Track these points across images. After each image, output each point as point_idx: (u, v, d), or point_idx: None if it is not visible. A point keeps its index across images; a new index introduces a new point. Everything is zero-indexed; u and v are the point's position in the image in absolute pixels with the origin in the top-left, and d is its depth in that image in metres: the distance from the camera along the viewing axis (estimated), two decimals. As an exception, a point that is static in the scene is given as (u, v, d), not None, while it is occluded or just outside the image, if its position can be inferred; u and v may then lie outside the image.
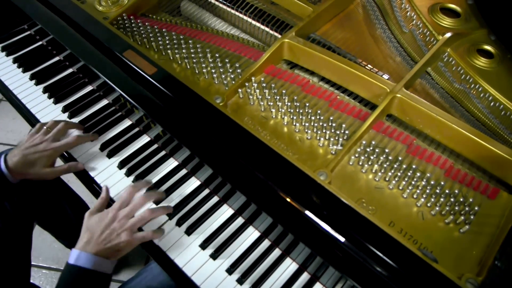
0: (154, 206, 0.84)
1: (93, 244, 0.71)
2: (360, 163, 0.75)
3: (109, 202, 0.83)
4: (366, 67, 0.87)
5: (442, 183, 0.71)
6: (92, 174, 0.89)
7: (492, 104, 0.81)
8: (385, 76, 0.85)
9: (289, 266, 0.77)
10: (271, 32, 0.96)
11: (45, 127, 0.89)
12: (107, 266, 0.72)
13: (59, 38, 0.96)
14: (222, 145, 0.74)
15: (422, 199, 0.70)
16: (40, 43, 1.15)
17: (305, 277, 0.76)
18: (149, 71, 0.80)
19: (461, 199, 0.69)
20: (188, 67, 0.88)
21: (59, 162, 0.91)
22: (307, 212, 0.66)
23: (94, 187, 0.89)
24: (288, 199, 0.67)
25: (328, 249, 0.65)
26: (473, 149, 0.74)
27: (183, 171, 0.88)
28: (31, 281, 1.05)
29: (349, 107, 0.82)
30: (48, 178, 0.87)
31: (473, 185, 0.73)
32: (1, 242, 0.96)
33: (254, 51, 0.92)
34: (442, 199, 0.69)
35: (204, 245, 0.79)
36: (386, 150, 0.74)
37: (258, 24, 0.96)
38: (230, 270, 0.76)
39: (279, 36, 0.93)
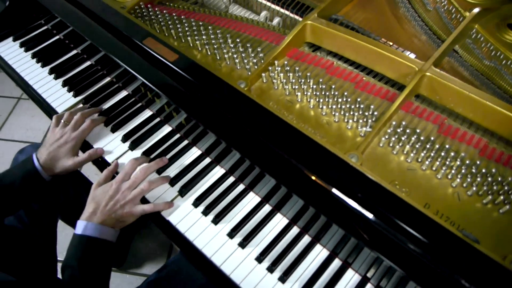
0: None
1: (98, 214, 0.76)
2: (391, 145, 0.72)
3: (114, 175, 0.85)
4: (391, 47, 0.85)
5: (478, 162, 0.68)
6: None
7: (526, 80, 0.78)
8: (412, 55, 0.82)
9: (319, 253, 0.75)
10: (291, 15, 0.93)
11: (62, 121, 0.90)
12: (111, 235, 0.77)
13: (79, 29, 0.96)
14: (249, 130, 0.72)
15: (458, 180, 0.68)
16: (57, 37, 1.15)
17: (336, 263, 0.74)
18: (170, 58, 0.79)
19: (499, 179, 0.67)
20: (209, 53, 0.87)
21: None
22: (340, 194, 0.64)
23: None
24: (319, 182, 0.65)
25: (363, 231, 0.64)
26: (508, 126, 0.71)
27: (207, 160, 0.87)
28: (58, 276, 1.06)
29: (376, 88, 0.80)
30: (74, 169, 0.87)
31: (510, 163, 0.70)
32: (28, 238, 0.97)
33: (275, 35, 0.90)
34: (478, 179, 0.67)
35: (232, 234, 0.78)
36: (417, 131, 0.72)
37: (278, 8, 0.94)
38: (260, 259, 0.75)
39: (300, 19, 0.91)
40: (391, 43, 0.86)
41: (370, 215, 0.62)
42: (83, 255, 0.74)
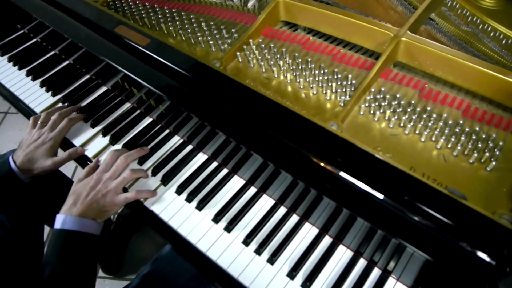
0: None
1: (78, 206, 0.73)
2: (372, 112, 0.71)
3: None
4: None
5: (461, 122, 0.67)
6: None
7: (504, 42, 0.77)
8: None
9: (308, 232, 0.73)
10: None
11: (39, 122, 0.88)
12: (94, 227, 0.73)
13: (55, 25, 0.94)
14: (228, 107, 0.70)
15: (442, 141, 0.66)
16: (34, 40, 1.14)
17: (327, 241, 0.72)
18: (142, 42, 0.77)
19: (483, 136, 0.65)
20: (184, 38, 0.85)
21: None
22: (324, 164, 0.62)
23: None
24: (302, 151, 0.63)
25: (350, 198, 0.62)
26: (490, 85, 0.69)
27: (189, 147, 0.85)
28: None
29: (353, 59, 0.78)
30: (53, 169, 0.85)
31: (494, 122, 0.68)
32: (12, 245, 0.94)
33: (250, 17, 0.89)
34: (463, 139, 0.65)
35: (216, 219, 0.75)
36: (397, 96, 0.70)
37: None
38: (247, 242, 0.72)
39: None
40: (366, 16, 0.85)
41: (356, 181, 0.60)
42: (62, 251, 0.70)
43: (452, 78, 0.73)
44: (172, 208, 0.78)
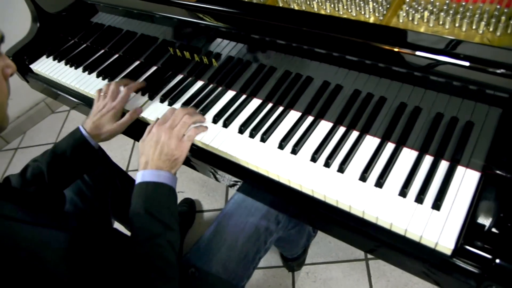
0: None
1: (151, 162, 0.78)
2: (411, 19, 0.76)
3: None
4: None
5: (498, 7, 0.71)
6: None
7: None
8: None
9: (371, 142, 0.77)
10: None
11: (101, 93, 0.98)
12: (170, 179, 0.78)
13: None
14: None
15: (482, 26, 0.70)
16: (85, 45, 1.26)
17: (390, 146, 0.76)
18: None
19: None
20: None
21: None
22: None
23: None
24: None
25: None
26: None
27: (243, 97, 0.93)
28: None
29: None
30: (119, 131, 0.94)
31: None
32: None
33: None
34: (503, 18, 0.69)
35: (281, 145, 0.81)
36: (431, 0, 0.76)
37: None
38: (314, 158, 0.77)
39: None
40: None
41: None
42: (147, 201, 0.74)
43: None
44: (245, 146, 0.84)
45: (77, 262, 0.54)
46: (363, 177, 0.72)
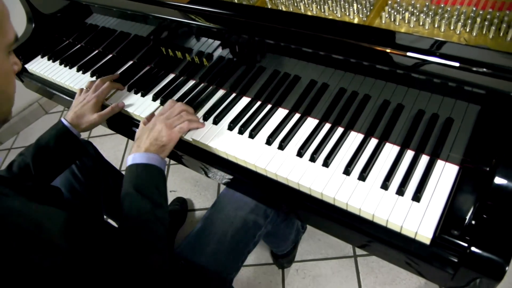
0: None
1: (142, 145, 0.83)
2: (392, 19, 0.80)
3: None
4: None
5: (474, 9, 0.75)
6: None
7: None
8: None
9: (355, 138, 0.80)
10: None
11: (85, 88, 1.04)
12: (159, 161, 0.82)
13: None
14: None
15: (459, 27, 0.74)
16: (79, 45, 1.29)
17: (373, 142, 0.79)
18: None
19: (497, 14, 0.73)
20: None
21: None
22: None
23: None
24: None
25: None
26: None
27: (232, 95, 0.96)
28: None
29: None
30: (99, 122, 0.99)
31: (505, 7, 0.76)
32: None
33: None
34: (478, 20, 0.72)
35: (269, 141, 0.83)
36: (412, 2, 0.80)
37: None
38: (300, 153, 0.80)
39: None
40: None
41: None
42: (137, 181, 0.77)
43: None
44: (234, 142, 0.86)
45: (75, 237, 0.58)
46: (347, 171, 0.75)
